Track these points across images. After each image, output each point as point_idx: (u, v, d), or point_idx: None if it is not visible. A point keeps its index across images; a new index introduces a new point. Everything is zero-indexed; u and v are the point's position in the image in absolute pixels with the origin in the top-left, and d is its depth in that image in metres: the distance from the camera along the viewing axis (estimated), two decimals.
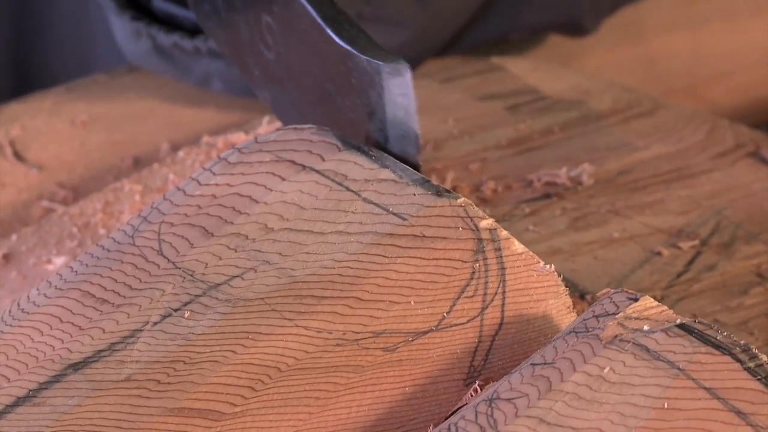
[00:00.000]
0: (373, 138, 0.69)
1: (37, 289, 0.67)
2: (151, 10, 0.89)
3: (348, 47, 0.67)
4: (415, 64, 0.68)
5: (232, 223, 0.67)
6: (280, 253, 0.67)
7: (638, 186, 0.78)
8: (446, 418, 0.62)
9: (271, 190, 0.68)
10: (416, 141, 0.67)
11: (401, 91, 0.66)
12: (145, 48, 0.86)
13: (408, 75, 0.66)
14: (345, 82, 0.68)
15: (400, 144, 0.67)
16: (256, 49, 0.74)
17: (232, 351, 0.65)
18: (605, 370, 0.62)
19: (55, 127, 0.85)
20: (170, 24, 0.88)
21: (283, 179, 0.68)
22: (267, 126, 0.75)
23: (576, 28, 0.92)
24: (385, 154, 0.70)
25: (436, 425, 0.62)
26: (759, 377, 0.61)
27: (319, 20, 0.68)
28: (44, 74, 0.95)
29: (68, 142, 0.84)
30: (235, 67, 0.79)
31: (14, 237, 0.78)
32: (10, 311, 0.67)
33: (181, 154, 0.83)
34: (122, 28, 0.87)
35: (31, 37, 0.96)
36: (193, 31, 0.87)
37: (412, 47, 0.72)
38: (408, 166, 0.68)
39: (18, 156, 0.81)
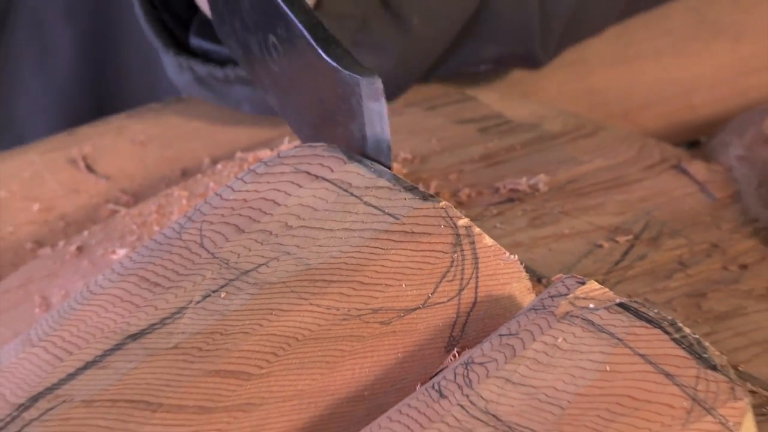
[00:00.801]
0: (355, 137, 0.68)
1: (103, 275, 0.65)
2: (189, 46, 0.86)
3: (334, 64, 0.66)
4: (401, 87, 0.68)
5: (258, 221, 0.65)
6: (298, 246, 0.65)
7: (583, 192, 0.75)
8: (431, 378, 0.60)
9: (290, 195, 0.66)
10: (387, 141, 0.67)
11: (374, 98, 0.65)
12: (187, 78, 0.84)
13: (379, 85, 0.65)
14: (332, 92, 0.67)
15: (375, 141, 0.67)
16: (264, 63, 0.73)
17: (259, 324, 0.62)
18: (559, 340, 0.59)
19: (119, 145, 0.83)
20: (205, 57, 0.85)
21: (300, 186, 0.66)
22: (287, 144, 0.74)
23: (531, 60, 0.90)
24: (382, 167, 0.68)
25: (423, 384, 0.60)
26: (683, 346, 0.58)
27: (312, 41, 0.67)
28: (115, 101, 0.90)
29: (129, 158, 0.83)
30: (251, 78, 0.78)
31: (86, 233, 0.77)
32: (81, 292, 0.65)
33: (219, 166, 0.81)
34: (169, 62, 0.85)
35: (107, 72, 0.91)
36: (223, 62, 0.85)
37: (396, 71, 0.69)
38: (399, 176, 0.67)
39: (89, 168, 0.78)
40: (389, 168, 0.66)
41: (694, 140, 0.89)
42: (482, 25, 0.88)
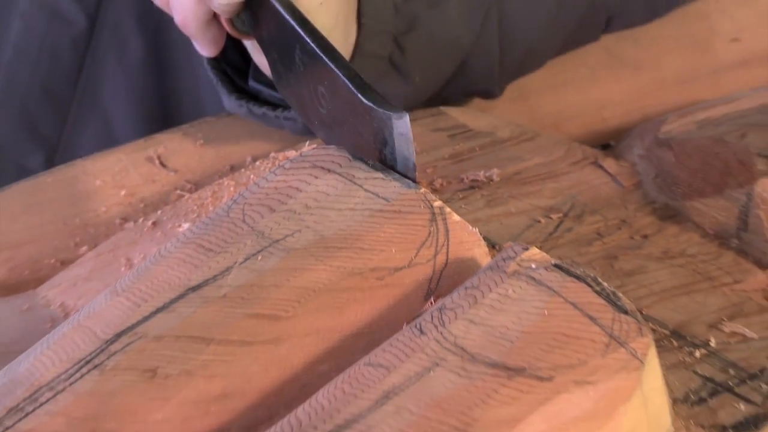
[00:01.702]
0: (387, 161, 0.66)
1: (171, 243, 0.64)
2: (247, 90, 0.84)
3: (370, 104, 0.65)
4: None
5: (286, 203, 0.64)
6: (315, 221, 0.63)
7: (526, 181, 0.74)
8: (414, 319, 0.58)
9: (310, 184, 0.65)
10: (413, 163, 0.65)
11: (402, 130, 0.64)
12: (243, 111, 0.83)
13: (407, 119, 0.64)
14: (369, 126, 0.66)
15: (404, 161, 0.65)
16: (314, 107, 0.71)
17: (286, 279, 0.61)
18: (509, 291, 0.58)
19: (184, 147, 0.83)
20: (260, 99, 0.83)
21: (317, 177, 0.65)
22: (308, 146, 0.70)
23: (489, 94, 0.90)
24: (378, 164, 0.67)
25: (408, 323, 0.59)
26: (602, 296, 0.57)
27: (352, 88, 0.66)
28: (182, 114, 0.87)
29: (192, 156, 0.83)
30: (303, 120, 0.76)
31: (159, 212, 0.76)
32: (154, 255, 0.64)
33: (257, 163, 0.80)
34: (229, 101, 0.84)
35: (170, 74, 0.88)
36: (276, 105, 0.83)
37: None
38: (397, 173, 0.66)
39: (162, 164, 0.77)
40: (414, 180, 0.65)
41: (607, 143, 0.88)
42: (459, 76, 0.87)
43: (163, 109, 0.89)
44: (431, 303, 0.61)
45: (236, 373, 0.59)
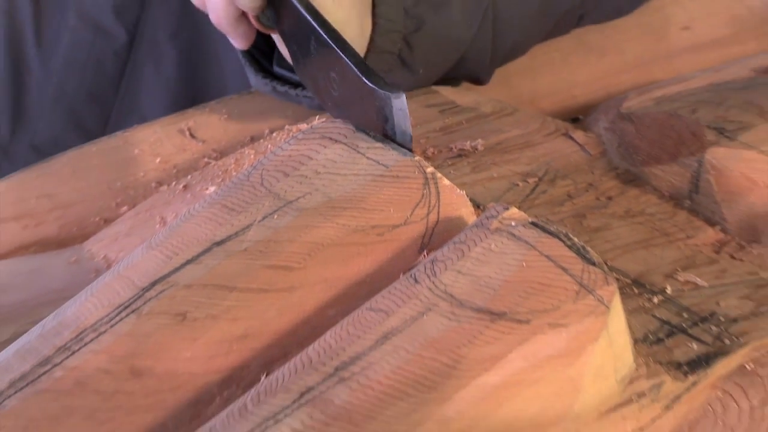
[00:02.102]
0: (388, 134, 0.65)
1: (199, 203, 0.63)
2: (272, 71, 0.82)
3: (373, 86, 0.64)
4: None
5: (298, 169, 0.63)
6: (324, 185, 0.62)
7: (506, 150, 0.73)
8: (409, 270, 0.57)
9: (319, 153, 0.63)
10: (409, 135, 0.64)
11: (400, 107, 0.63)
12: (268, 90, 0.81)
13: (404, 98, 0.63)
14: (372, 105, 0.65)
15: (402, 134, 0.64)
16: (327, 90, 0.71)
17: (298, 235, 0.60)
18: (492, 246, 0.56)
19: (211, 121, 0.83)
20: (283, 80, 0.81)
21: (325, 147, 0.64)
22: (318, 120, 0.71)
23: (479, 81, 0.89)
24: (378, 135, 0.66)
25: (404, 274, 0.57)
26: (573, 249, 0.56)
27: (358, 73, 0.65)
28: (205, 92, 0.86)
29: (217, 129, 0.82)
30: (318, 101, 0.75)
31: (189, 177, 0.75)
32: (184, 214, 0.62)
33: (274, 134, 0.79)
34: (256, 80, 0.81)
35: (199, 74, 0.87)
36: (296, 85, 0.81)
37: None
38: (395, 143, 0.65)
39: (192, 135, 0.76)
40: (410, 150, 0.65)
41: (576, 117, 0.87)
42: (456, 67, 0.85)
43: (192, 93, 0.90)
44: (424, 256, 0.60)
45: (255, 316, 0.58)
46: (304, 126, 0.71)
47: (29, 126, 0.88)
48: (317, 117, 0.77)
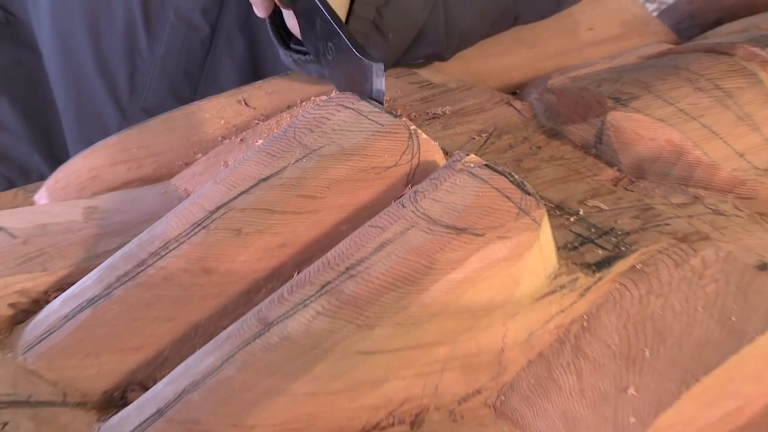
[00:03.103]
0: (368, 92, 0.61)
1: (251, 151, 0.59)
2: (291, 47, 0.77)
3: (359, 56, 0.61)
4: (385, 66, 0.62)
5: (320, 128, 0.59)
6: (338, 138, 0.58)
7: (466, 114, 0.72)
8: (398, 198, 0.55)
9: (334, 115, 0.60)
10: (383, 93, 0.61)
11: (378, 72, 0.60)
12: (289, 61, 0.77)
13: (382, 65, 0.60)
14: (358, 70, 0.62)
15: (378, 93, 0.61)
16: (326, 57, 0.67)
17: (320, 173, 0.56)
18: (457, 181, 0.53)
19: (260, 94, 0.79)
20: (297, 52, 0.77)
21: (339, 111, 0.60)
22: (334, 93, 0.67)
23: (442, 57, 0.82)
24: (375, 102, 0.62)
25: (395, 200, 0.55)
26: (514, 183, 0.53)
27: (349, 44, 0.62)
28: (266, 72, 0.83)
29: (263, 100, 0.78)
30: (317, 63, 0.71)
31: (244, 133, 0.72)
32: (239, 159, 0.59)
33: (303, 103, 0.76)
34: (283, 54, 0.77)
35: (259, 60, 0.86)
36: (305, 54, 0.76)
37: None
38: (384, 107, 0.61)
39: (246, 104, 0.76)
40: (382, 103, 0.61)
41: (514, 92, 0.82)
42: (419, 40, 0.80)
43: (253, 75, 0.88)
44: (409, 188, 0.57)
45: (290, 231, 0.56)
46: (323, 97, 0.67)
47: (140, 95, 0.85)
48: (333, 91, 0.73)
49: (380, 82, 0.61)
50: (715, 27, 0.91)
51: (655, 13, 0.96)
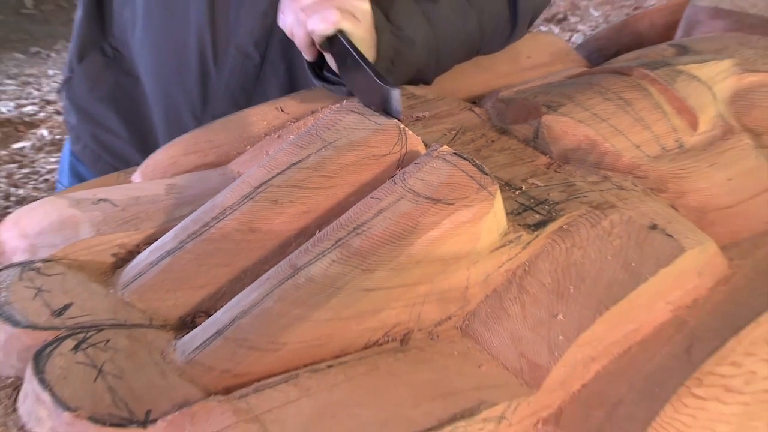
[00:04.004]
0: (387, 110, 0.57)
1: (285, 144, 0.56)
2: (323, 75, 0.71)
3: (382, 84, 0.58)
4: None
5: (335, 126, 0.57)
6: (347, 134, 0.55)
7: (440, 117, 0.69)
8: (391, 178, 0.52)
9: (345, 118, 0.57)
10: (400, 111, 0.57)
11: (396, 96, 0.57)
12: (320, 85, 0.72)
13: (398, 92, 0.57)
14: (380, 94, 0.58)
15: (396, 112, 0.57)
16: (353, 83, 0.64)
17: (335, 159, 0.53)
18: (434, 166, 0.51)
19: (292, 103, 0.72)
20: (328, 81, 0.71)
21: (348, 115, 0.57)
22: (344, 102, 0.62)
23: (426, 82, 0.77)
24: (376, 108, 0.57)
25: (389, 179, 0.52)
26: (476, 167, 0.50)
27: (373, 76, 0.58)
28: (299, 88, 0.79)
29: (295, 107, 0.73)
30: (350, 89, 0.67)
31: (280, 131, 0.68)
32: (277, 149, 0.56)
33: (323, 109, 0.70)
34: (315, 81, 0.72)
35: (295, 78, 0.81)
36: (334, 83, 0.70)
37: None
38: (386, 114, 0.57)
39: (282, 110, 0.73)
40: (399, 119, 0.56)
41: (475, 101, 0.78)
42: (416, 75, 0.75)
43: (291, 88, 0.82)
44: (399, 170, 0.54)
45: (313, 201, 0.53)
46: (337, 105, 0.64)
47: (210, 106, 0.80)
48: (344, 101, 0.69)
49: (398, 103, 0.57)
50: (615, 56, 0.88)
51: (573, 46, 0.92)
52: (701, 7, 0.81)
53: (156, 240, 0.54)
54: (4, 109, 1.70)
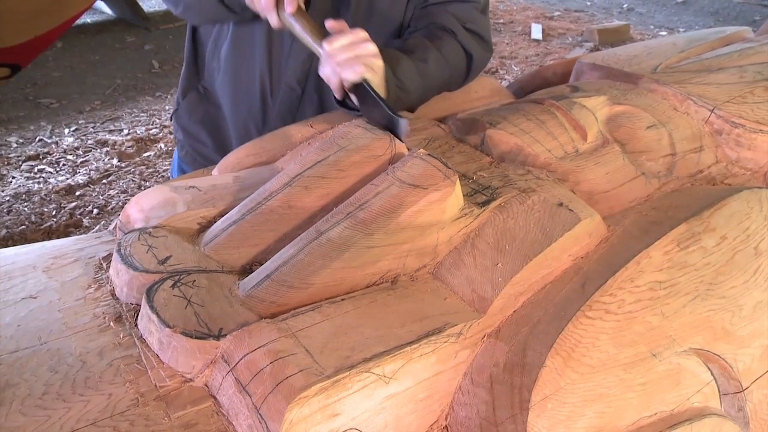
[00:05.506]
0: (397, 136, 0.51)
1: (312, 148, 0.53)
2: (346, 105, 0.63)
3: (393, 115, 0.51)
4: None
5: (347, 137, 0.53)
6: (355, 142, 0.51)
7: (418, 131, 0.66)
8: (385, 171, 0.50)
9: (354, 131, 0.53)
10: (407, 135, 0.51)
11: (405, 126, 0.51)
12: (342, 111, 0.65)
13: (407, 121, 0.50)
14: (391, 122, 0.52)
15: (405, 140, 0.51)
16: (371, 114, 0.55)
17: (346, 159, 0.49)
18: (415, 162, 0.49)
19: (319, 121, 0.66)
20: (350, 108, 0.63)
21: (356, 128, 0.54)
22: (354, 120, 0.57)
23: (412, 111, 0.69)
24: (379, 126, 0.52)
25: (383, 172, 0.48)
26: (443, 163, 0.47)
27: (387, 110, 0.52)
28: (326, 110, 0.73)
29: (320, 124, 0.65)
30: (368, 119, 0.56)
31: (310, 139, 0.62)
32: (308, 152, 0.52)
33: (339, 126, 0.63)
34: (340, 108, 0.65)
35: (326, 104, 0.74)
36: (357, 111, 0.63)
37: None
38: (379, 128, 0.52)
39: (312, 126, 0.68)
40: (404, 142, 0.51)
41: (442, 120, 0.72)
42: (408, 108, 0.68)
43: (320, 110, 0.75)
44: (391, 166, 0.50)
45: (331, 187, 0.49)
46: (348, 123, 0.59)
47: (267, 125, 0.75)
48: (353, 120, 0.63)
49: (406, 131, 0.52)
50: (532, 93, 0.83)
51: (505, 84, 0.87)
52: (585, 63, 0.79)
53: (226, 213, 0.52)
54: (139, 132, 1.82)
